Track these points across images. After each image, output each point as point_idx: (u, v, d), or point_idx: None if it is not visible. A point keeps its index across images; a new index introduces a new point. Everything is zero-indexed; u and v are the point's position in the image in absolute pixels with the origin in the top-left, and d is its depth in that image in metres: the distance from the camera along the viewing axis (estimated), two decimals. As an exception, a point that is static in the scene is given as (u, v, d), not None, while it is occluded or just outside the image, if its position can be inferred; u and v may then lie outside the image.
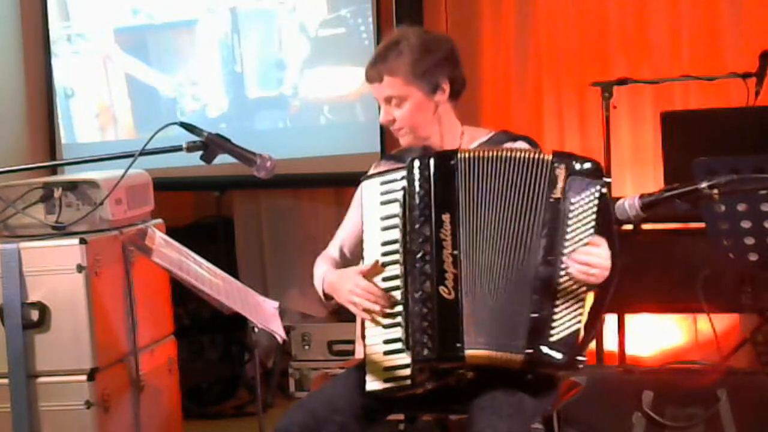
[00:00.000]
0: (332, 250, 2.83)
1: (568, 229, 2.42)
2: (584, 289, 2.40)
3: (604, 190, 2.44)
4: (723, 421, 3.36)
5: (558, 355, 2.40)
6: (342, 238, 2.84)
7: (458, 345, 2.43)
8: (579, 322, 2.41)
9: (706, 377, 3.44)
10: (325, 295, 2.71)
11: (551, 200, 2.44)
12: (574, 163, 2.46)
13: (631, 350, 4.17)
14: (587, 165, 2.46)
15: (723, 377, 3.42)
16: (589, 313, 2.41)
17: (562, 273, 2.41)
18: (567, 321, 2.41)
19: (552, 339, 2.40)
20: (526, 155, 2.50)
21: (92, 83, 5.04)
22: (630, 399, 3.45)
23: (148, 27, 4.99)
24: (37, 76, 4.98)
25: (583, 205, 2.43)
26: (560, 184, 2.44)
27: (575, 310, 2.41)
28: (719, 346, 3.68)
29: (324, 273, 2.72)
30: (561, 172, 2.45)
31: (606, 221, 2.43)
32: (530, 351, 2.40)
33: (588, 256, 2.38)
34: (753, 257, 3.18)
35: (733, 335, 4.24)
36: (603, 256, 2.39)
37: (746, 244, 3.16)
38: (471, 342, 2.43)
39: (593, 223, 2.42)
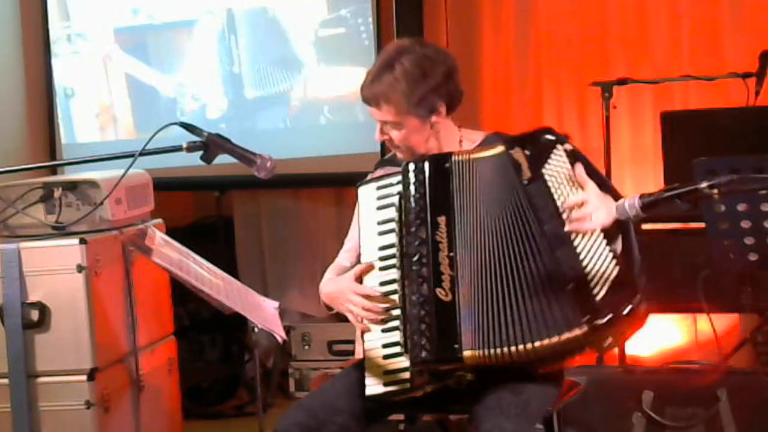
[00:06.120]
0: (342, 259, 2.80)
1: (556, 197, 2.42)
2: (599, 233, 2.35)
3: (569, 147, 2.47)
4: (723, 421, 3.36)
5: (608, 314, 2.30)
6: (349, 247, 2.80)
7: (456, 346, 2.41)
8: (616, 264, 2.33)
9: (706, 377, 3.44)
10: (325, 305, 2.71)
11: (525, 183, 2.45)
12: (525, 142, 2.50)
13: (631, 350, 4.16)
14: (536, 136, 2.51)
15: (723, 377, 3.42)
16: (623, 250, 2.35)
17: (574, 234, 2.37)
18: (602, 270, 2.33)
19: (598, 298, 2.32)
20: (492, 152, 2.53)
21: (92, 83, 5.03)
22: (630, 399, 3.45)
23: (148, 27, 4.99)
24: (37, 76, 4.97)
25: (556, 169, 2.44)
26: (524, 165, 2.47)
27: (604, 257, 2.34)
28: (719, 346, 3.67)
29: (323, 284, 2.72)
30: (519, 155, 2.48)
31: (588, 170, 2.42)
32: (585, 324, 2.30)
33: (578, 211, 2.34)
34: (753, 257, 3.18)
35: (733, 335, 4.23)
36: (591, 197, 2.35)
37: (746, 244, 3.15)
38: (469, 343, 2.40)
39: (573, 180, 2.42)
